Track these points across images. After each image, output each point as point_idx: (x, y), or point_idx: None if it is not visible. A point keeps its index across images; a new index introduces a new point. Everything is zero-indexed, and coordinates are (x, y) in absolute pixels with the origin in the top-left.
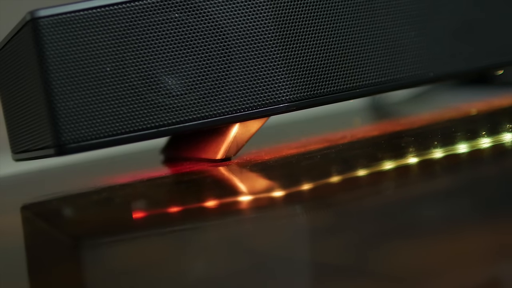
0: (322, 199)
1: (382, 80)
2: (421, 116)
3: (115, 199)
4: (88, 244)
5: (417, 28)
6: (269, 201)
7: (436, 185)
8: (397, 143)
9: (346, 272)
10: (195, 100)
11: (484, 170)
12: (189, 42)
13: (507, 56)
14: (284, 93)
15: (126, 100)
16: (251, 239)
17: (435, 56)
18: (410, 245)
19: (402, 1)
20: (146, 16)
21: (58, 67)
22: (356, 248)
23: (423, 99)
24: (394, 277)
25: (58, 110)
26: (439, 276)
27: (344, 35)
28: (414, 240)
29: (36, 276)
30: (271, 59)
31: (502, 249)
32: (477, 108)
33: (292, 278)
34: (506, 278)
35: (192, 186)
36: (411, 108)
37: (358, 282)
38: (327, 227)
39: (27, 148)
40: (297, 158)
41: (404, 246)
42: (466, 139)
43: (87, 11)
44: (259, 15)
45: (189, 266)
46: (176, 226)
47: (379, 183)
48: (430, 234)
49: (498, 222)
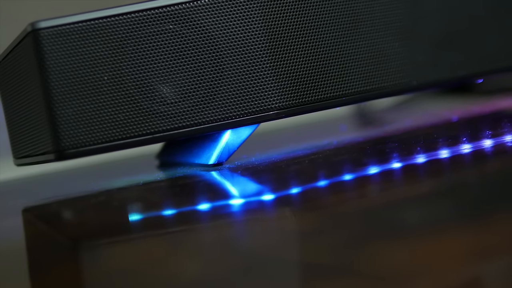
0: (310, 202)
1: (367, 89)
2: (405, 123)
3: (112, 202)
4: (86, 245)
5: (400, 39)
6: (259, 204)
7: (418, 189)
8: (381, 148)
9: (333, 271)
10: (188, 108)
11: (465, 174)
12: (183, 52)
13: (487, 66)
14: (274, 101)
15: (123, 107)
16: (242, 240)
17: (418, 66)
18: (394, 246)
19: (387, 13)
20: (141, 27)
21: (58, 76)
22: (343, 248)
23: (406, 106)
24: (378, 276)
25: (58, 117)
26: (421, 275)
27: (331, 45)
28: (398, 241)
29: (36, 276)
30: (261, 69)
31: (482, 250)
32: (458, 116)
33: (282, 277)
34: (486, 278)
35: (185, 189)
36: (395, 115)
37: (344, 281)
38: (315, 229)
39: (28, 154)
40: (286, 163)
41: (388, 247)
42: (447, 145)
43: (86, 23)
44: (250, 27)
45: (183, 266)
46: (170, 228)
47: (364, 187)
48: (413, 235)
49: (478, 224)
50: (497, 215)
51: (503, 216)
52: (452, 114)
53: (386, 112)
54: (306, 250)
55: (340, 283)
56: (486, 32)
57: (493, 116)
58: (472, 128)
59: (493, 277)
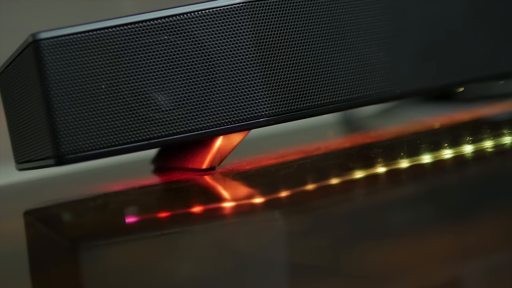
0: (298, 205)
1: (353, 97)
2: (389, 129)
3: (109, 205)
4: (84, 246)
5: (384, 49)
6: (250, 207)
7: (402, 192)
8: (367, 154)
9: (320, 271)
10: (182, 115)
11: (446, 179)
12: (177, 62)
13: (467, 75)
14: (264, 109)
15: (120, 114)
16: (233, 242)
17: (401, 75)
18: (380, 246)
19: (371, 25)
20: (137, 38)
21: (58, 84)
22: (330, 249)
23: (390, 114)
24: (364, 276)
25: (57, 124)
26: (406, 274)
27: (318, 56)
28: (383, 242)
29: (37, 275)
30: (252, 78)
31: (462, 250)
32: (439, 122)
33: (272, 277)
34: (465, 277)
35: (180, 193)
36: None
37: (332, 281)
38: (303, 231)
39: (29, 159)
40: (276, 167)
41: (374, 248)
42: (429, 151)
43: (84, 34)
44: (241, 38)
45: (177, 266)
46: (165, 230)
47: (350, 190)
48: (398, 236)
49: (458, 226)
50: (476, 217)
51: (482, 218)
52: (434, 121)
53: (371, 119)
54: (294, 251)
55: (327, 283)
56: (466, 43)
57: (473, 122)
58: (453, 134)
59: (471, 275)
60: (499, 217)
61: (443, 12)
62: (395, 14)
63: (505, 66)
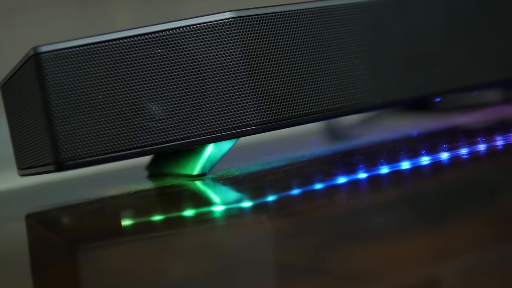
0: (284, 209)
1: (336, 107)
2: (370, 137)
3: (106, 209)
4: (83, 247)
5: (366, 61)
6: (239, 210)
7: (382, 197)
8: (349, 160)
9: (305, 271)
10: (175, 124)
11: (423, 184)
12: (170, 74)
13: (443, 86)
14: (252, 118)
15: (116, 123)
16: (223, 243)
17: (381, 86)
18: (361, 248)
19: (354, 39)
20: (133, 51)
21: (57, 95)
22: (315, 251)
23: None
24: (347, 276)
25: (57, 132)
26: (386, 274)
27: (303, 68)
28: (365, 244)
29: (37, 275)
30: (240, 89)
31: (439, 252)
32: (418, 131)
33: (259, 277)
34: (442, 277)
35: (172, 197)
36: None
37: (316, 280)
38: (289, 233)
39: (30, 165)
40: (263, 173)
41: (356, 249)
42: (408, 157)
43: (83, 47)
44: (230, 51)
45: (170, 266)
46: (158, 232)
47: (333, 195)
48: (378, 238)
49: (435, 228)
50: (452, 220)
51: (458, 221)
52: (413, 130)
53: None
54: (281, 252)
55: (311, 282)
56: (443, 56)
57: (449, 131)
58: (431, 142)
59: (447, 275)
60: (471, 221)
61: (421, 27)
62: (376, 28)
63: (480, 78)
